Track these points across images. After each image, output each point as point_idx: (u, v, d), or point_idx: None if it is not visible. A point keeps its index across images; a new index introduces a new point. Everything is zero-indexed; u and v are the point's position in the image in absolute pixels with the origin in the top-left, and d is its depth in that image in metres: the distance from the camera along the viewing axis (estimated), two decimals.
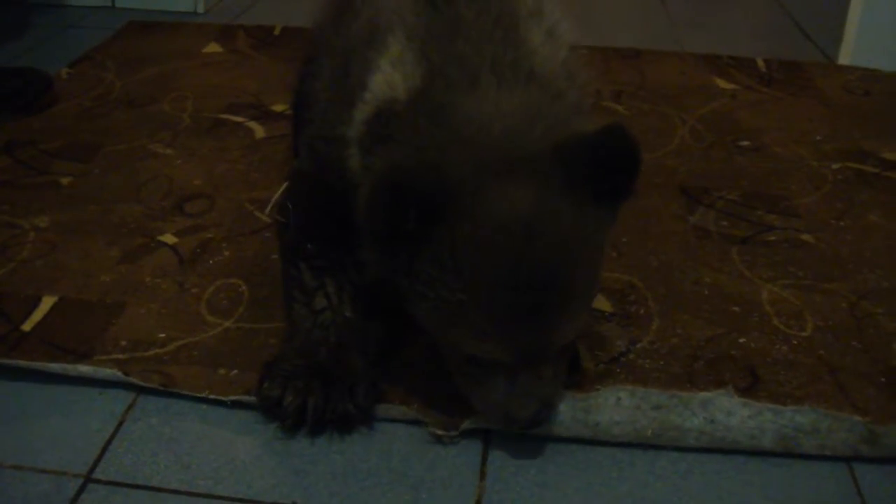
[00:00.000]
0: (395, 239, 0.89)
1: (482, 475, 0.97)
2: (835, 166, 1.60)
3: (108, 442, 1.00)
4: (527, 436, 1.00)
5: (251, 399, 1.03)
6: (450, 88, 0.92)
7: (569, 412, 1.00)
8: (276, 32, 2.20)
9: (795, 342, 1.14)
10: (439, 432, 1.00)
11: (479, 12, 0.97)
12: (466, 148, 0.89)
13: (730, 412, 0.99)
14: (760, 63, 2.08)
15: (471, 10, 0.97)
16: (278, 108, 1.76)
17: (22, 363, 1.08)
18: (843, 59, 2.13)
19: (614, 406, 1.00)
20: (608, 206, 0.92)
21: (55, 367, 1.07)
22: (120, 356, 1.09)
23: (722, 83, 1.96)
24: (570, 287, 0.89)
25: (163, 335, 1.13)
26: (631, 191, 0.92)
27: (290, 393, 1.00)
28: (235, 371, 1.07)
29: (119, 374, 1.06)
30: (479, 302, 0.88)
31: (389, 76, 0.96)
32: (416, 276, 0.91)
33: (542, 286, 0.87)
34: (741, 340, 1.14)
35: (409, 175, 0.87)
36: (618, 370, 1.08)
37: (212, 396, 1.04)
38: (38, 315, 1.17)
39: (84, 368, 1.07)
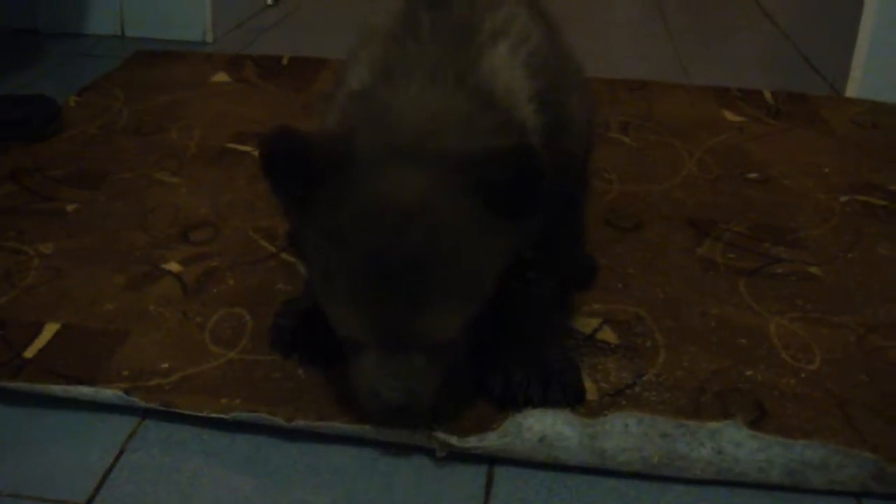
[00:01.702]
0: (289, 202, 0.95)
1: None
2: (843, 199, 1.59)
3: (109, 471, 0.99)
4: (532, 465, 0.99)
5: (252, 417, 1.02)
6: (386, 83, 0.98)
7: (576, 437, 0.99)
8: (284, 62, 2.21)
9: (803, 375, 1.13)
10: (445, 441, 0.99)
11: (437, 19, 1.01)
12: (373, 131, 0.93)
13: (738, 444, 0.98)
14: (768, 95, 2.08)
15: (429, 17, 1.02)
16: None
17: (23, 386, 1.07)
18: (851, 91, 2.13)
19: (622, 433, 0.99)
20: (508, 218, 0.92)
21: (56, 389, 1.06)
22: (122, 385, 1.08)
23: (729, 115, 1.96)
24: (434, 282, 0.89)
25: (165, 365, 1.12)
26: (529, 211, 0.92)
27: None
28: (238, 400, 1.06)
29: (121, 394, 1.05)
30: (344, 275, 0.91)
31: (358, 71, 1.02)
32: (305, 241, 0.95)
33: (404, 273, 0.88)
34: (748, 373, 1.13)
35: (297, 140, 0.91)
36: (623, 402, 1.07)
37: (212, 415, 1.03)
38: (40, 342, 1.16)
39: (85, 390, 1.06)
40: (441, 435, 0.99)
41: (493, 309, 1.01)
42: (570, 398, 1.06)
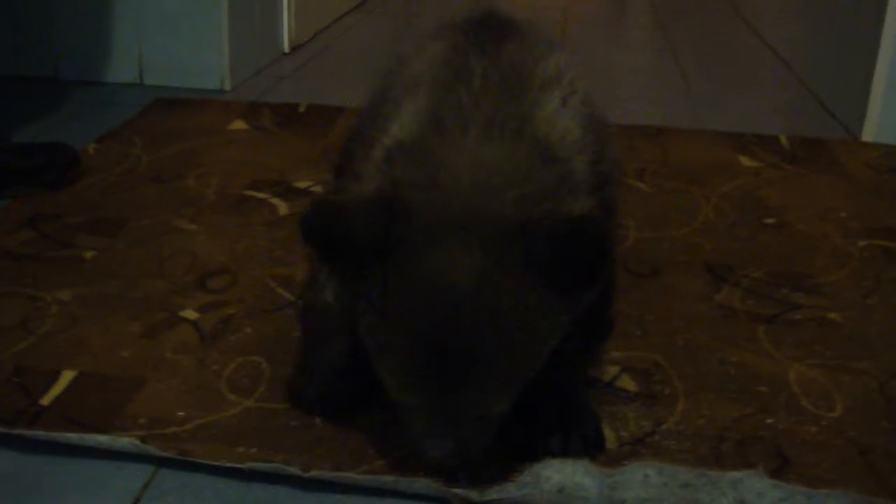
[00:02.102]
0: (338, 276, 0.92)
1: None
2: (861, 243, 1.58)
3: None
4: None
5: (269, 467, 1.02)
6: (438, 135, 0.93)
7: (595, 488, 0.98)
8: (301, 110, 2.22)
9: (824, 423, 1.12)
10: (465, 496, 0.98)
11: (489, 67, 0.98)
12: (427, 194, 0.89)
13: (760, 493, 0.97)
14: (784, 140, 2.08)
15: (480, 64, 0.98)
16: (302, 184, 1.78)
17: (40, 434, 1.07)
18: (867, 136, 2.13)
19: (641, 483, 0.98)
20: (565, 294, 0.89)
21: (72, 437, 1.06)
22: (138, 433, 1.07)
23: (745, 161, 1.96)
24: (487, 365, 0.87)
25: (182, 413, 1.12)
26: (591, 285, 0.89)
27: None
28: (255, 449, 1.05)
29: (137, 442, 1.05)
30: (396, 352, 0.89)
31: (405, 121, 0.97)
32: (359, 308, 0.92)
33: (457, 357, 0.86)
34: (769, 421, 1.12)
35: (338, 215, 0.88)
36: (643, 451, 1.06)
37: (228, 465, 1.02)
38: (56, 389, 1.16)
39: (101, 438, 1.06)
40: (461, 490, 0.98)
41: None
42: (591, 448, 1.04)
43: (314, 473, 1.01)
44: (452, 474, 0.98)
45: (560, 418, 1.05)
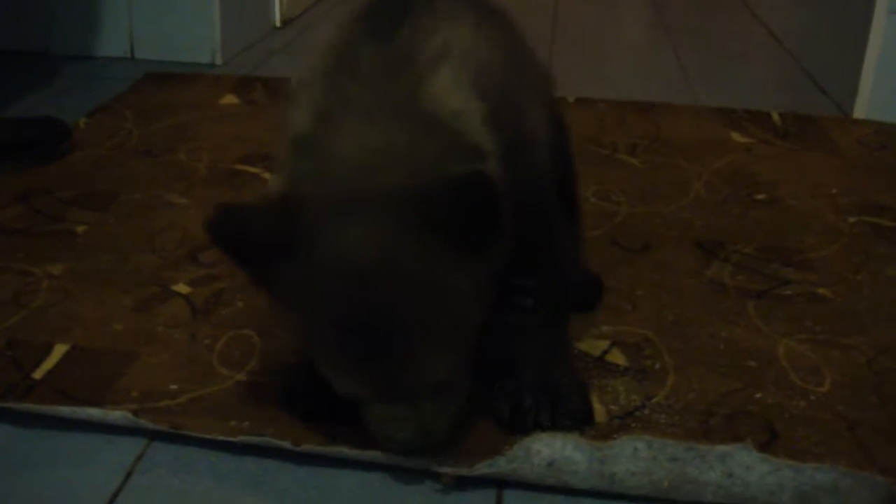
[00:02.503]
0: (253, 278, 0.93)
1: None
2: (851, 220, 1.59)
3: (116, 493, 0.98)
4: (542, 488, 0.99)
5: (260, 441, 1.02)
6: (326, 125, 0.94)
7: (584, 462, 0.98)
8: (293, 84, 2.21)
9: (813, 398, 1.13)
10: (447, 474, 0.99)
11: (379, 52, 0.97)
12: (317, 186, 0.90)
13: (748, 467, 0.97)
14: (775, 117, 2.08)
15: (369, 51, 0.98)
16: None
17: (31, 407, 1.07)
18: (859, 113, 2.13)
19: (631, 457, 0.98)
20: (471, 251, 0.89)
21: (64, 410, 1.06)
22: (131, 406, 1.08)
23: (737, 137, 1.96)
24: (410, 331, 0.88)
25: (174, 386, 1.12)
26: (492, 238, 0.90)
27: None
28: (247, 423, 1.06)
29: (129, 415, 1.05)
30: (323, 344, 0.90)
31: (301, 114, 0.98)
32: (275, 303, 0.93)
33: (378, 333, 0.87)
34: (758, 396, 1.13)
35: (241, 218, 0.90)
36: (633, 425, 1.07)
37: (220, 438, 1.03)
38: (49, 363, 1.16)
39: (93, 411, 1.06)
40: (450, 466, 0.99)
41: (496, 336, 1.01)
42: (579, 421, 1.05)
43: (305, 447, 1.02)
44: (426, 455, 0.98)
45: (549, 393, 1.05)
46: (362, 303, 0.87)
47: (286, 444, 1.02)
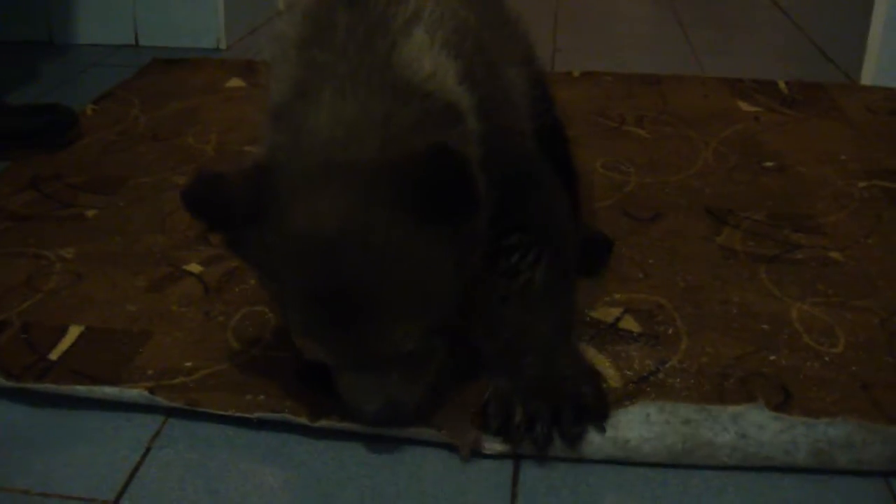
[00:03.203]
0: (226, 243, 0.94)
1: (513, 497, 0.96)
2: (861, 185, 1.59)
3: (136, 469, 0.99)
4: (558, 458, 0.99)
5: (276, 417, 1.03)
6: (300, 96, 0.94)
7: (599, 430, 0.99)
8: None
9: (827, 359, 1.13)
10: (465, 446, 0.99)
11: (354, 21, 0.97)
12: (291, 157, 0.90)
13: (761, 426, 0.97)
14: (782, 85, 2.07)
15: (345, 18, 0.98)
16: None
17: (49, 387, 1.08)
18: (866, 79, 2.12)
19: (644, 422, 0.98)
20: (444, 224, 0.89)
21: (81, 389, 1.07)
22: (147, 384, 1.08)
23: (744, 106, 1.96)
24: (378, 299, 0.88)
25: (189, 364, 1.13)
26: (465, 211, 0.89)
27: None
28: (262, 396, 1.06)
29: (145, 393, 1.06)
30: (291, 309, 0.91)
31: (278, 85, 0.98)
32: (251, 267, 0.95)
33: (341, 299, 0.87)
34: (772, 358, 1.13)
35: (217, 184, 0.90)
36: (647, 389, 1.07)
37: (237, 414, 1.04)
38: (64, 344, 1.17)
39: (110, 390, 1.07)
40: (467, 439, 0.99)
41: (492, 310, 1.00)
42: (593, 420, 0.99)
43: (322, 423, 1.02)
44: (395, 424, 0.99)
45: (542, 396, 0.99)
46: (329, 271, 0.87)
47: (303, 420, 1.02)
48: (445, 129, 0.93)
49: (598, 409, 1.00)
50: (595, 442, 0.99)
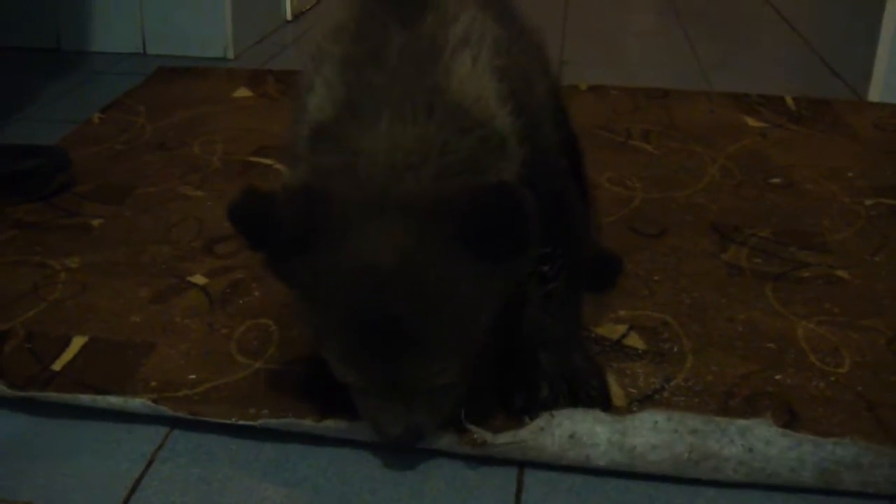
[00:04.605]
0: (268, 263, 0.93)
1: None
2: (868, 202, 1.58)
3: (138, 481, 0.99)
4: (562, 469, 0.99)
5: (280, 423, 1.03)
6: (353, 117, 0.92)
7: (605, 434, 0.98)
8: (305, 68, 2.21)
9: (833, 379, 1.12)
10: (479, 438, 0.99)
11: (407, 42, 0.96)
12: (345, 183, 0.88)
13: (769, 441, 0.97)
14: (789, 101, 2.07)
15: (398, 39, 0.96)
16: None
17: (52, 396, 1.08)
18: (873, 96, 2.12)
19: (651, 429, 0.98)
20: (495, 263, 0.88)
21: (85, 398, 1.07)
22: (150, 396, 1.08)
23: (751, 121, 1.95)
24: (424, 336, 0.88)
25: (193, 376, 1.13)
26: (519, 252, 0.89)
27: None
28: (265, 410, 1.06)
29: (149, 403, 1.05)
30: (332, 336, 0.90)
31: (320, 101, 0.96)
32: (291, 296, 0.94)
33: (385, 335, 0.87)
34: (777, 377, 1.12)
35: (264, 205, 0.89)
36: (652, 408, 1.06)
37: (240, 422, 1.04)
38: (68, 355, 1.16)
39: (114, 399, 1.07)
40: (475, 432, 0.99)
41: (513, 312, 1.00)
42: (597, 404, 1.04)
43: (328, 423, 1.02)
44: (413, 447, 0.99)
45: (565, 381, 1.05)
46: (379, 305, 0.86)
47: (308, 423, 1.02)
48: (498, 158, 0.93)
49: (603, 399, 1.05)
50: (601, 445, 0.98)
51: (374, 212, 0.87)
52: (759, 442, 0.97)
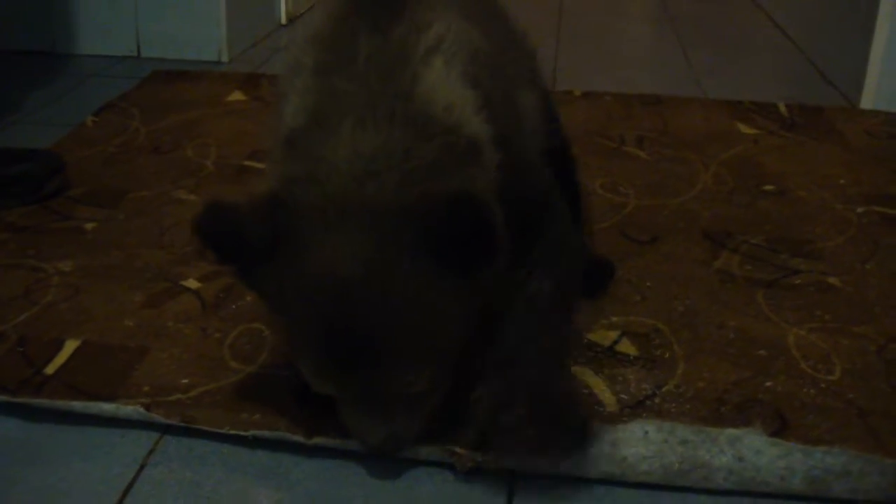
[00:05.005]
0: (236, 275, 0.93)
1: None
2: (859, 210, 1.59)
3: (130, 486, 0.99)
4: (553, 478, 0.99)
5: (272, 435, 1.03)
6: (318, 125, 0.92)
7: (596, 445, 0.99)
8: (281, 76, 2.21)
9: (824, 386, 1.13)
10: (470, 458, 0.99)
11: (376, 49, 0.95)
12: (308, 192, 0.88)
13: (759, 451, 0.98)
14: (782, 108, 2.07)
15: (368, 46, 0.95)
16: None
17: (44, 402, 1.08)
18: (866, 103, 2.13)
19: (642, 440, 0.99)
20: (462, 271, 0.88)
21: (77, 405, 1.07)
22: (143, 400, 1.08)
23: (744, 128, 1.96)
24: (391, 345, 0.87)
25: (185, 380, 1.13)
26: (485, 261, 0.88)
27: None
28: (258, 416, 1.06)
29: (141, 410, 1.06)
30: (301, 345, 0.90)
31: (294, 109, 0.96)
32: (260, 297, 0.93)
33: (353, 344, 0.87)
34: (768, 384, 1.13)
35: (229, 217, 0.89)
36: (644, 414, 1.07)
37: (232, 432, 1.03)
38: (60, 359, 1.16)
39: (106, 406, 1.07)
40: (465, 452, 0.99)
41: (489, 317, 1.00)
42: (570, 442, 0.96)
43: (318, 440, 1.02)
44: (393, 454, 0.99)
45: (527, 402, 0.97)
46: (343, 314, 0.86)
47: (299, 438, 1.02)
48: (466, 165, 0.92)
49: (578, 429, 0.98)
50: (591, 457, 0.99)
51: (337, 220, 0.87)
52: (749, 451, 0.98)
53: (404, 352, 0.89)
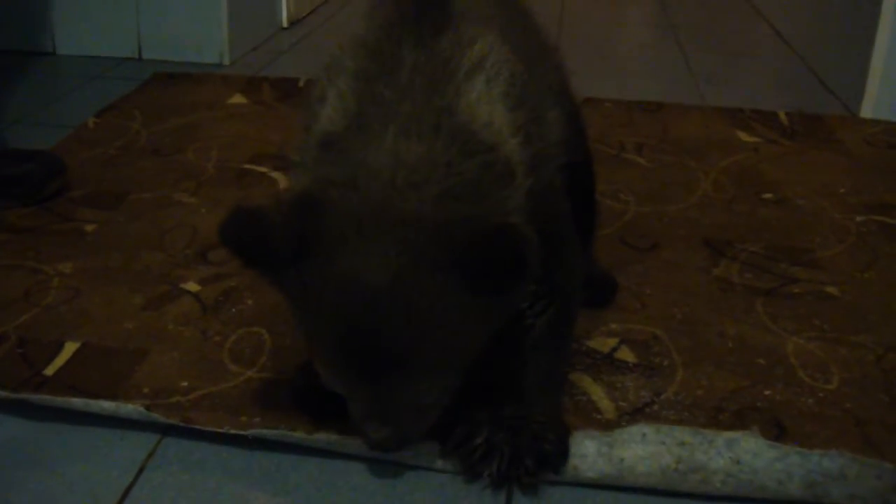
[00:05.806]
0: (262, 277, 0.93)
1: None
2: (859, 219, 1.59)
3: (129, 488, 0.99)
4: (552, 483, 1.00)
5: (271, 433, 1.03)
6: (360, 130, 0.92)
7: (593, 446, 0.99)
8: (300, 85, 2.22)
9: (821, 395, 1.13)
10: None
11: (421, 61, 0.95)
12: (345, 197, 0.88)
13: (756, 453, 0.98)
14: (782, 116, 2.08)
15: (413, 57, 0.95)
16: None
17: (45, 399, 1.08)
18: (866, 112, 2.13)
19: (639, 442, 0.99)
20: (486, 297, 0.88)
21: (77, 402, 1.07)
22: (143, 402, 1.08)
23: (744, 136, 1.96)
24: (410, 359, 0.88)
25: (185, 383, 1.13)
26: (511, 290, 0.89)
27: None
28: (257, 418, 1.06)
29: (141, 409, 1.06)
30: (322, 347, 0.90)
31: (333, 110, 0.96)
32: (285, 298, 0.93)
33: (373, 355, 0.87)
34: (766, 393, 1.13)
35: (256, 223, 0.89)
36: (642, 421, 1.07)
37: (232, 432, 1.04)
38: (60, 360, 1.17)
39: (106, 405, 1.07)
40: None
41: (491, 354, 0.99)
42: (547, 465, 0.99)
43: (319, 436, 1.02)
44: (398, 453, 0.99)
45: (512, 430, 1.01)
46: (366, 322, 0.86)
47: (300, 435, 1.03)
48: (502, 188, 0.92)
49: (556, 458, 1.00)
50: (589, 456, 0.99)
51: (372, 227, 0.86)
52: (747, 454, 0.98)
53: (422, 365, 0.89)
